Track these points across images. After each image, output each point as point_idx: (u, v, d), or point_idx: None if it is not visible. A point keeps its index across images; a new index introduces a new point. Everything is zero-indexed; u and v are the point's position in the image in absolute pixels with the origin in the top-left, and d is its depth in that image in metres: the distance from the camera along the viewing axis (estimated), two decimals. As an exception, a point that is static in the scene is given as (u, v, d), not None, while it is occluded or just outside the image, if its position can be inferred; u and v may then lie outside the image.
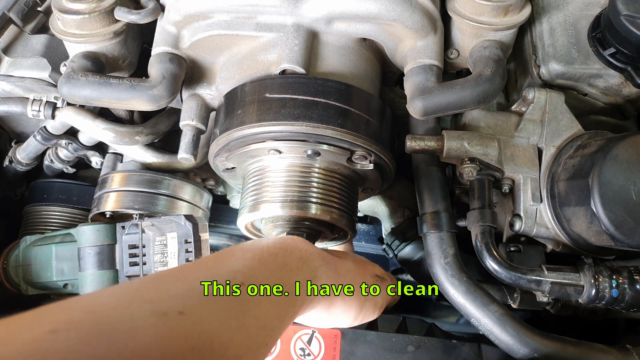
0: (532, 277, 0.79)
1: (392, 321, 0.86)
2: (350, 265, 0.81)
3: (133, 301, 0.45)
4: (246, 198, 0.86)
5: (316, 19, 0.86)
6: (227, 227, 1.24)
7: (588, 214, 0.76)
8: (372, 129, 0.83)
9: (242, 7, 0.84)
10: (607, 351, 0.79)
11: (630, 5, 0.82)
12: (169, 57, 0.87)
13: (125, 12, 0.86)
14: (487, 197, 0.84)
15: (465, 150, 0.83)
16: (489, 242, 0.81)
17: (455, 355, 0.80)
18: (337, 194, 0.84)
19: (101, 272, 0.87)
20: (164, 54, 0.87)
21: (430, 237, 0.85)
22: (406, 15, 0.84)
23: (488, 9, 0.87)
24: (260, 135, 0.80)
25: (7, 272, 0.94)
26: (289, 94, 0.80)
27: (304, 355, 0.80)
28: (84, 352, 0.38)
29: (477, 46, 0.90)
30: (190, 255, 0.84)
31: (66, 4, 0.87)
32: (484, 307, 0.80)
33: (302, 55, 0.84)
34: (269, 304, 0.56)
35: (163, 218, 0.85)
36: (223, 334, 0.48)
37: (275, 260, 0.64)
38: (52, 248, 0.91)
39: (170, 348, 0.42)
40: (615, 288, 0.77)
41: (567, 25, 0.93)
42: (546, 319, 1.06)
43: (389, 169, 0.89)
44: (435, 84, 0.85)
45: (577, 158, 0.81)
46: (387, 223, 1.06)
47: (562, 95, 0.89)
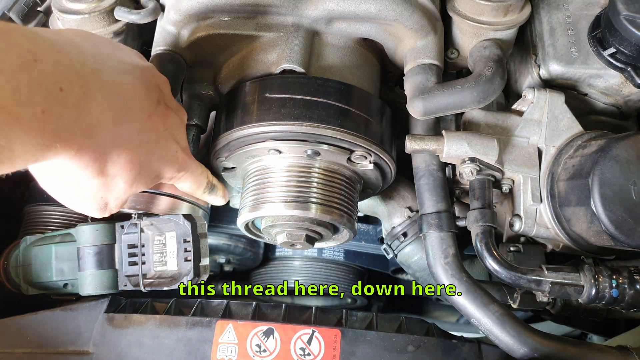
0: (532, 277, 0.79)
1: (392, 321, 0.86)
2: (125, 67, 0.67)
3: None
4: (246, 198, 0.86)
5: (316, 19, 0.86)
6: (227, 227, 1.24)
7: (588, 214, 0.76)
8: (372, 129, 0.83)
9: (242, 7, 0.84)
10: (607, 351, 0.79)
11: (630, 5, 0.82)
12: (169, 57, 0.87)
13: (125, 12, 0.86)
14: (487, 197, 0.84)
15: (465, 150, 0.83)
16: (489, 242, 0.81)
17: (455, 355, 0.80)
18: (337, 193, 0.84)
19: (100, 272, 0.87)
20: (164, 54, 0.87)
21: (430, 237, 0.85)
22: (406, 15, 0.84)
23: (488, 8, 0.87)
24: (260, 135, 0.80)
25: (8, 272, 0.94)
26: (289, 93, 0.80)
27: (304, 355, 0.80)
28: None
29: (477, 46, 0.90)
30: (189, 254, 0.84)
31: (66, 4, 0.87)
32: (484, 307, 0.79)
33: (302, 55, 0.85)
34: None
35: (162, 217, 0.85)
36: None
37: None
38: (51, 248, 0.91)
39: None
40: (615, 288, 0.77)
41: (567, 25, 0.93)
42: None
43: (388, 169, 0.89)
44: (435, 84, 0.85)
45: (577, 158, 0.81)
46: (387, 223, 1.06)
47: (562, 95, 0.89)
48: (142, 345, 0.80)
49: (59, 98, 0.55)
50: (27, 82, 0.51)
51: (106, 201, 0.70)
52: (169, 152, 0.74)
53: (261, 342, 0.80)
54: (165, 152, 0.73)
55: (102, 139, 0.62)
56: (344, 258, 1.33)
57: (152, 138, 0.70)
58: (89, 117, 0.59)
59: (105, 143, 0.62)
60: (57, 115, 0.55)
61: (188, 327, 0.81)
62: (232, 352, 0.80)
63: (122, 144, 0.65)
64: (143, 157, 0.69)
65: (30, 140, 0.52)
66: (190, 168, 0.80)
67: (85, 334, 0.82)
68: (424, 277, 1.04)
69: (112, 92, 0.62)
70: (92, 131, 0.60)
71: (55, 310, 0.86)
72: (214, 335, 0.81)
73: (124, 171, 0.67)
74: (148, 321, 0.82)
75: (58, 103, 0.55)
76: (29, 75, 0.52)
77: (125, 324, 0.83)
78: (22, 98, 0.51)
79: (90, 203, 0.70)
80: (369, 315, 0.86)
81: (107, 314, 0.84)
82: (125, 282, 0.86)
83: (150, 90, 0.70)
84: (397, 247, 1.04)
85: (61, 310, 0.85)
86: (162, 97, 0.72)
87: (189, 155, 0.80)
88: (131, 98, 0.66)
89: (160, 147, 0.72)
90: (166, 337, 0.81)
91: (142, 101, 0.68)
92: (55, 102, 0.54)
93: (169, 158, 0.75)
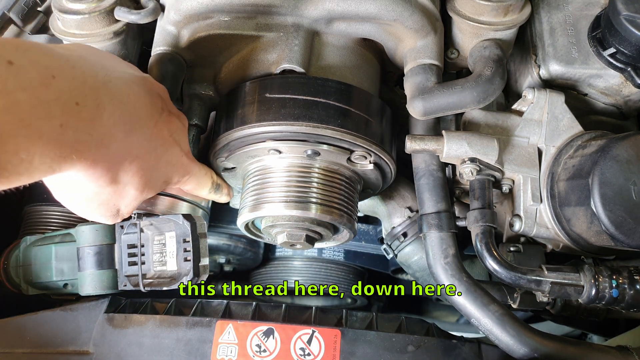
0: (532, 277, 0.79)
1: (392, 321, 0.86)
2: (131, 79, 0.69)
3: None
4: (246, 198, 0.86)
5: (316, 19, 0.86)
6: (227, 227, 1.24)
7: (588, 214, 0.76)
8: (371, 129, 0.83)
9: (242, 7, 0.84)
10: (607, 351, 0.79)
11: (630, 5, 0.82)
12: (169, 57, 0.87)
13: (125, 12, 0.86)
14: (487, 197, 0.84)
15: (465, 150, 0.83)
16: (489, 242, 0.81)
17: (455, 355, 0.80)
18: (337, 194, 0.84)
19: (100, 272, 0.87)
20: (164, 54, 0.87)
21: (430, 237, 0.85)
22: (406, 15, 0.84)
23: (488, 9, 0.87)
24: (260, 135, 0.80)
25: (8, 272, 0.94)
26: (289, 93, 0.80)
27: (304, 355, 0.80)
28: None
29: (477, 46, 0.90)
30: (188, 254, 0.84)
31: (66, 4, 0.87)
32: (484, 307, 0.79)
33: (302, 55, 0.85)
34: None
35: (161, 217, 0.85)
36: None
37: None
38: (51, 248, 0.91)
39: None
40: (615, 288, 0.77)
41: (567, 25, 0.93)
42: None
43: (388, 169, 0.89)
44: (435, 84, 0.85)
45: (577, 158, 0.81)
46: (387, 223, 1.06)
47: (562, 95, 0.89)
48: (142, 345, 0.80)
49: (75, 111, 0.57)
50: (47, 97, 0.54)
51: (118, 208, 0.73)
52: (175, 157, 0.76)
53: (261, 342, 0.80)
54: (172, 157, 0.76)
55: (115, 148, 0.64)
56: (344, 258, 1.33)
57: (159, 145, 0.72)
58: (102, 128, 0.61)
59: (117, 153, 0.65)
60: (73, 128, 0.57)
61: (188, 327, 0.81)
62: (232, 352, 0.80)
63: (133, 153, 0.67)
64: (152, 164, 0.71)
65: (48, 153, 0.55)
66: (194, 171, 0.82)
67: (85, 334, 0.82)
68: (424, 277, 1.04)
69: (122, 102, 0.64)
70: (105, 142, 0.62)
71: (55, 310, 0.86)
72: (214, 335, 0.81)
73: (135, 179, 0.69)
74: (148, 321, 0.82)
75: (74, 116, 0.57)
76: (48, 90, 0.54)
77: (125, 324, 0.83)
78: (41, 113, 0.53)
79: (102, 211, 0.72)
80: (369, 315, 0.86)
81: (107, 314, 0.84)
82: (125, 282, 0.86)
83: (154, 98, 0.72)
84: (397, 247, 1.04)
85: (61, 310, 0.85)
86: (164, 105, 0.74)
87: (192, 159, 0.82)
88: (138, 107, 0.68)
89: (167, 153, 0.74)
90: (166, 337, 0.81)
91: (148, 109, 0.70)
92: (71, 116, 0.56)
93: (175, 163, 0.77)
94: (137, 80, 0.70)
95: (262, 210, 0.83)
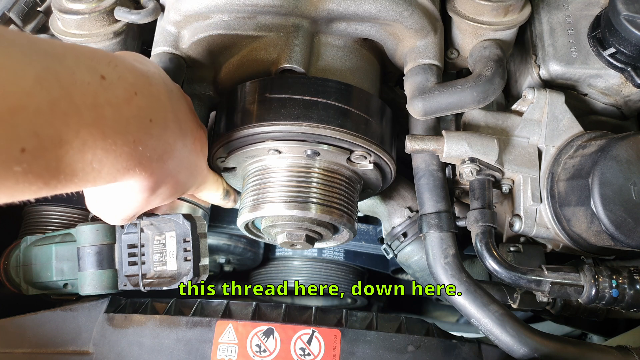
0: (532, 277, 0.79)
1: (392, 321, 0.86)
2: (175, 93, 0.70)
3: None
4: (246, 198, 0.86)
5: (316, 19, 0.86)
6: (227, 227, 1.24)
7: (588, 214, 0.76)
8: (371, 129, 0.83)
9: (242, 7, 0.84)
10: (607, 351, 0.79)
11: (630, 5, 0.82)
12: (169, 57, 0.87)
13: (125, 12, 0.87)
14: (487, 197, 0.84)
15: (465, 150, 0.83)
16: (489, 242, 0.81)
17: (455, 355, 0.80)
18: (337, 194, 0.84)
19: (100, 272, 0.87)
20: (164, 54, 0.87)
21: (430, 237, 0.85)
22: (406, 16, 0.84)
23: (488, 9, 0.87)
24: (260, 135, 0.80)
25: (8, 272, 0.94)
26: (288, 94, 0.80)
27: (304, 355, 0.80)
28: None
29: (477, 46, 0.90)
30: (188, 254, 0.84)
31: (66, 4, 0.87)
32: (484, 307, 0.79)
33: (302, 55, 0.84)
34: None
35: (161, 217, 0.85)
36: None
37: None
38: (52, 248, 0.91)
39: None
40: (615, 288, 0.77)
41: (567, 25, 0.93)
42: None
43: (388, 169, 0.89)
44: (435, 84, 0.85)
45: (577, 158, 0.81)
46: (387, 223, 1.06)
47: (562, 95, 0.89)
48: (142, 345, 0.80)
49: (148, 128, 0.59)
50: (127, 113, 0.55)
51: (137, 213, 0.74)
52: (200, 169, 0.78)
53: (261, 342, 0.81)
54: (198, 170, 0.78)
55: (170, 164, 0.66)
56: (344, 258, 1.33)
57: (194, 159, 0.74)
58: (165, 145, 0.63)
59: (170, 168, 0.67)
60: (144, 144, 0.58)
61: (188, 327, 0.82)
62: (232, 352, 0.80)
63: (179, 168, 0.69)
64: (184, 178, 0.74)
65: (117, 165, 0.56)
66: (210, 180, 0.84)
67: (85, 334, 0.82)
68: (424, 277, 1.04)
69: (178, 119, 0.66)
70: (164, 157, 0.64)
71: (55, 310, 0.86)
72: (214, 336, 0.81)
73: (168, 190, 0.71)
74: (148, 321, 0.82)
75: (146, 133, 0.59)
76: (129, 107, 0.55)
77: (125, 324, 0.83)
78: (120, 128, 0.55)
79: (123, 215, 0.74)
80: (369, 315, 0.86)
81: (107, 314, 0.84)
82: (125, 282, 0.86)
83: (194, 114, 0.74)
84: (397, 247, 1.04)
85: (61, 310, 0.85)
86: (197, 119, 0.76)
87: (209, 169, 0.84)
88: (188, 123, 0.70)
89: (198, 167, 0.77)
90: (166, 337, 0.81)
91: (191, 125, 0.72)
92: (144, 132, 0.58)
93: (198, 175, 0.79)
94: (182, 95, 0.71)
95: (262, 210, 0.83)
